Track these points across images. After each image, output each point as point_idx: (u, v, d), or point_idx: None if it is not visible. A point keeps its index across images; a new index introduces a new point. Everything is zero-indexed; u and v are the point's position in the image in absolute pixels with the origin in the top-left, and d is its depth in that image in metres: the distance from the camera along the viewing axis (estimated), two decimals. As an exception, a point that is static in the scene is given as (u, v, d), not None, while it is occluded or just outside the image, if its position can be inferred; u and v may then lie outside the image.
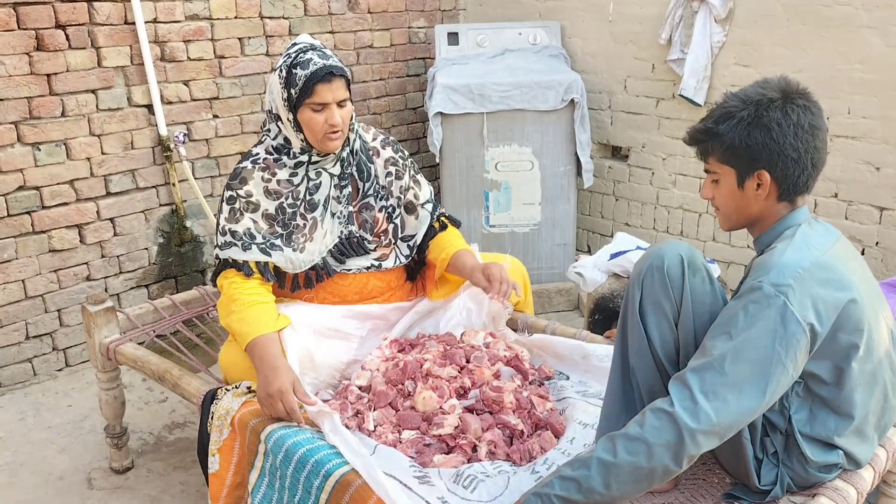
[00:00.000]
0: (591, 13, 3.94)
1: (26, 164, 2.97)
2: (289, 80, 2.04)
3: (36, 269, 3.07)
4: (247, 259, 2.07)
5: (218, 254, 2.11)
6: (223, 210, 2.11)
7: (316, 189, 2.16)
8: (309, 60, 2.03)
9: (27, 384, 3.11)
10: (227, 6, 3.45)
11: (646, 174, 3.92)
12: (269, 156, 2.14)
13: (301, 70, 2.02)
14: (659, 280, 1.60)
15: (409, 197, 2.34)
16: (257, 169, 2.12)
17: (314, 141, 2.10)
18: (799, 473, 1.58)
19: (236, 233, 2.08)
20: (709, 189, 1.64)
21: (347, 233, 2.21)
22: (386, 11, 4.10)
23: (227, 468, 1.90)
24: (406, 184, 2.34)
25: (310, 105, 2.04)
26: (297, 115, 2.07)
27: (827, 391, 1.54)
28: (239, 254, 2.08)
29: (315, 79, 2.01)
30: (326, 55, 2.07)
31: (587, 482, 1.44)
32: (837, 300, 1.47)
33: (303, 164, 2.14)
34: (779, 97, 1.52)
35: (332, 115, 2.04)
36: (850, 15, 3.07)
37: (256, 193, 2.10)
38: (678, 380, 1.47)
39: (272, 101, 2.13)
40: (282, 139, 2.14)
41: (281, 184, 2.12)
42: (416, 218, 2.34)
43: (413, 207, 2.35)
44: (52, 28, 2.95)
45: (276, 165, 2.13)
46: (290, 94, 2.05)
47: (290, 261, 2.12)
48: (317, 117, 2.04)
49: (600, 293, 3.02)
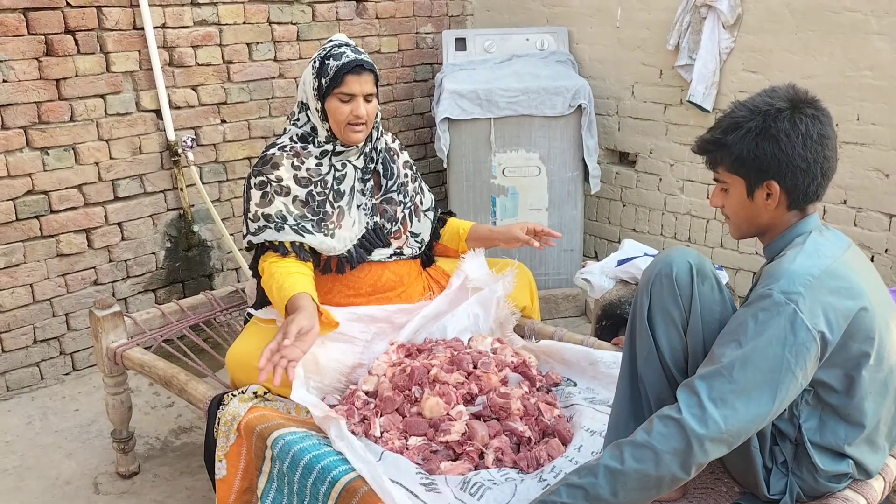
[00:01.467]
0: (599, 19, 3.94)
1: (35, 168, 2.98)
2: (321, 70, 2.15)
3: (44, 274, 3.08)
4: (282, 240, 2.11)
5: (251, 240, 2.14)
6: (252, 196, 2.15)
7: (342, 179, 2.23)
8: (342, 53, 2.15)
9: (34, 388, 3.12)
10: (235, 12, 3.46)
11: (653, 180, 3.92)
12: (295, 144, 2.22)
13: (334, 61, 2.14)
14: (668, 287, 1.59)
15: (416, 202, 2.44)
16: (286, 156, 2.18)
17: (338, 131, 2.18)
18: (808, 483, 1.57)
19: (269, 216, 2.12)
20: (718, 198, 1.64)
21: (373, 224, 2.28)
22: (394, 17, 4.10)
23: (235, 474, 1.89)
24: (416, 188, 2.46)
25: (338, 94, 2.13)
26: (324, 104, 2.16)
27: (837, 399, 1.53)
28: (273, 235, 2.11)
29: (345, 69, 2.11)
30: (359, 51, 2.18)
31: (594, 490, 1.43)
32: (848, 309, 1.46)
33: (327, 154, 2.22)
34: (787, 107, 1.52)
35: (357, 106, 2.14)
36: (859, 21, 3.06)
37: (287, 178, 2.16)
38: (686, 387, 1.46)
39: (304, 91, 2.22)
40: (308, 128, 2.22)
41: (310, 171, 2.19)
42: (418, 221, 2.44)
43: (417, 212, 2.44)
44: (61, 33, 2.97)
45: (304, 154, 2.20)
46: (320, 83, 2.15)
47: (322, 243, 2.16)
48: (343, 107, 2.14)
49: (607, 299, 3.01)
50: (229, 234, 3.47)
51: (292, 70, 3.71)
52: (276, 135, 2.28)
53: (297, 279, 2.06)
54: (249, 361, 2.04)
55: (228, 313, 2.66)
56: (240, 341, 2.17)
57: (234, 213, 3.63)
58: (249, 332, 2.22)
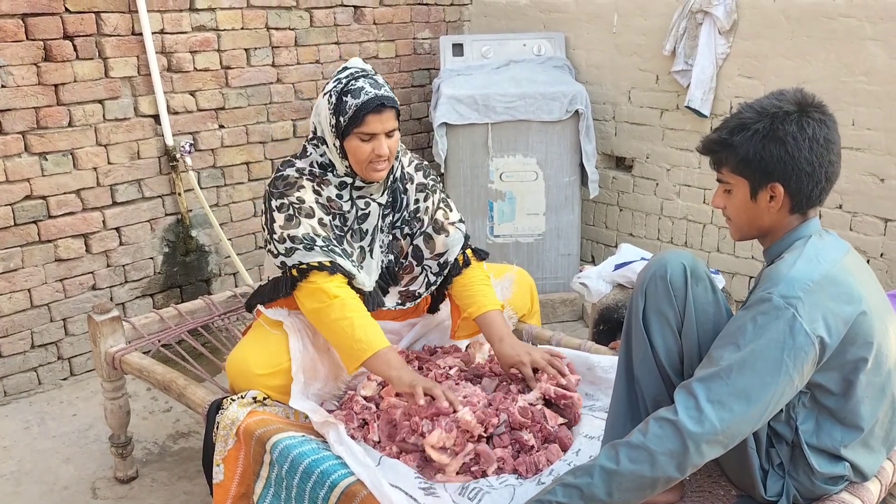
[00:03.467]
0: (595, 25, 3.96)
1: (33, 173, 2.98)
2: (338, 108, 2.00)
3: (42, 279, 3.08)
4: (315, 260, 1.99)
5: (285, 261, 2.02)
6: (276, 219, 2.03)
7: (365, 218, 2.13)
8: (360, 89, 1.99)
9: (32, 393, 3.12)
10: (233, 17, 3.47)
11: (650, 185, 3.93)
12: (314, 169, 2.10)
13: (352, 98, 1.98)
14: (662, 289, 1.60)
15: (438, 216, 2.27)
16: (305, 179, 2.08)
17: (358, 169, 2.06)
18: (805, 485, 1.57)
19: (296, 237, 2.01)
20: (721, 199, 1.64)
21: (386, 262, 2.20)
22: (391, 23, 4.11)
23: (232, 479, 1.89)
24: (434, 203, 2.28)
25: (358, 134, 2.00)
26: (343, 142, 2.04)
27: (834, 402, 1.54)
28: (304, 255, 2.00)
29: (366, 109, 1.97)
30: (378, 83, 2.03)
31: (589, 489, 1.44)
32: (847, 313, 1.47)
33: (347, 186, 2.10)
34: (795, 110, 1.52)
35: (380, 145, 2.01)
36: (854, 27, 3.08)
37: (309, 201, 2.05)
38: (684, 389, 1.47)
39: (318, 124, 2.09)
40: (326, 160, 2.10)
41: (331, 201, 2.09)
42: (446, 236, 2.26)
43: (441, 226, 2.27)
44: (59, 39, 2.97)
45: (324, 181, 2.09)
46: (338, 121, 2.01)
47: (351, 271, 2.05)
48: (364, 147, 2.01)
49: (605, 304, 3.02)
50: (227, 239, 3.48)
51: (290, 75, 3.72)
52: (295, 155, 2.15)
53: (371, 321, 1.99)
54: (250, 370, 2.04)
55: (227, 318, 2.66)
56: (241, 347, 2.15)
57: (231, 218, 3.63)
58: (253, 336, 2.18)
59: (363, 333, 1.96)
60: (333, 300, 1.98)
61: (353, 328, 1.96)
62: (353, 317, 1.97)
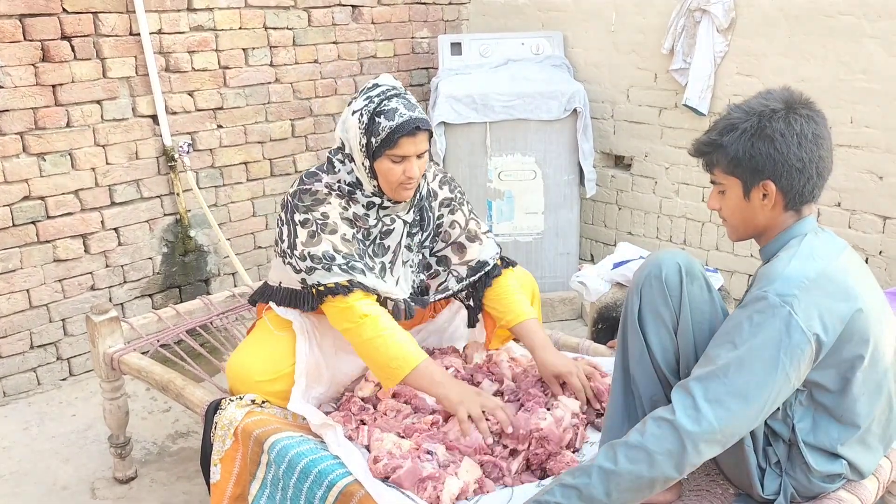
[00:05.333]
0: (594, 23, 3.96)
1: (31, 174, 2.98)
2: (370, 128, 1.95)
3: (41, 279, 3.08)
4: (336, 281, 1.93)
5: (305, 279, 1.98)
6: (298, 234, 1.97)
7: (388, 234, 2.09)
8: (394, 110, 1.94)
9: (31, 394, 3.12)
10: (231, 17, 3.47)
11: (649, 183, 3.93)
12: (343, 186, 2.04)
13: (386, 121, 1.93)
14: (657, 288, 1.60)
15: (471, 227, 2.24)
16: (334, 195, 2.02)
17: (387, 189, 2.02)
18: (802, 483, 1.58)
19: (316, 256, 1.95)
20: (715, 200, 1.64)
21: (419, 281, 2.18)
22: (389, 22, 4.11)
23: (229, 479, 1.89)
24: (466, 214, 2.25)
25: (390, 156, 1.95)
26: (373, 163, 1.98)
27: (830, 400, 1.54)
28: (324, 276, 1.94)
29: (400, 132, 1.92)
30: (411, 104, 1.98)
31: (588, 490, 1.44)
32: (843, 311, 1.47)
33: (374, 206, 2.06)
34: (782, 108, 1.53)
35: (410, 167, 1.96)
36: (852, 25, 3.07)
37: (333, 216, 2.00)
38: (682, 388, 1.47)
39: (346, 140, 2.03)
40: (354, 178, 2.04)
41: (357, 217, 2.04)
42: (480, 244, 2.25)
43: (475, 235, 2.24)
44: (57, 39, 2.97)
45: (352, 199, 2.04)
46: (370, 141, 1.95)
47: (375, 285, 2.00)
48: (395, 168, 1.96)
49: (603, 302, 3.02)
50: (226, 239, 3.48)
51: (288, 75, 3.72)
52: (321, 168, 2.10)
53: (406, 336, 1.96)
54: (250, 376, 2.03)
55: (225, 317, 2.66)
56: (242, 352, 2.11)
57: (230, 218, 3.64)
58: (255, 340, 2.15)
59: (398, 350, 1.91)
60: (364, 319, 1.93)
61: (386, 346, 1.91)
62: (386, 335, 1.92)
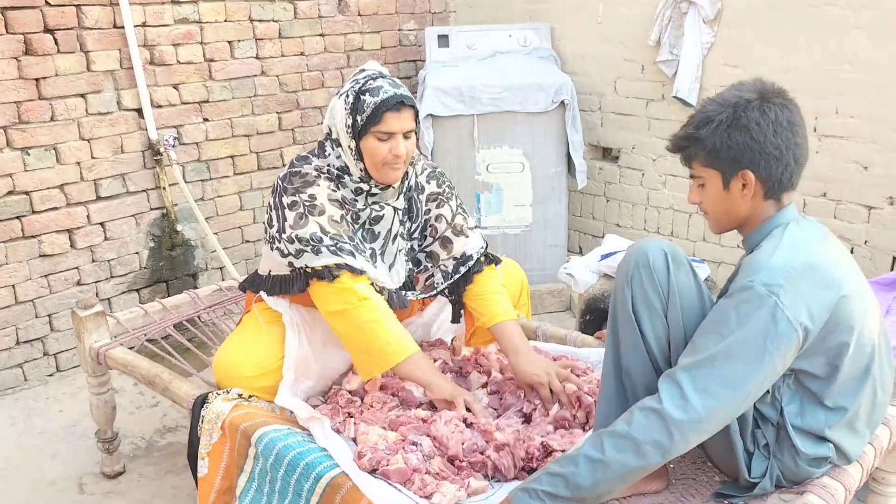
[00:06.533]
0: (581, 15, 3.95)
1: (16, 168, 2.96)
2: (356, 107, 1.97)
3: (26, 274, 3.06)
4: (325, 264, 1.94)
5: (293, 262, 1.98)
6: (287, 217, 1.98)
7: (378, 220, 2.09)
8: (379, 88, 1.96)
9: (18, 390, 3.10)
10: (216, 10, 3.44)
11: (636, 175, 3.93)
12: (332, 170, 2.05)
13: (370, 97, 1.95)
14: (647, 277, 1.61)
15: (458, 221, 2.25)
16: (322, 178, 2.03)
17: (374, 170, 2.02)
18: (789, 467, 1.59)
19: (304, 238, 1.96)
20: (696, 194, 1.66)
21: (407, 270, 2.18)
22: (376, 14, 4.10)
23: (216, 472, 1.89)
24: (453, 209, 2.25)
25: (375, 133, 1.96)
26: (359, 143, 1.99)
27: (818, 385, 1.55)
28: (312, 259, 1.95)
29: (385, 107, 1.94)
30: (397, 84, 2.00)
31: (574, 478, 1.45)
32: (829, 299, 1.48)
33: (363, 192, 2.06)
34: (755, 97, 1.55)
35: (396, 145, 1.97)
36: (837, 16, 3.08)
37: (321, 198, 2.00)
38: (668, 377, 1.48)
39: (333, 126, 2.04)
40: (342, 163, 2.05)
41: (345, 200, 2.05)
42: (466, 238, 2.25)
43: (461, 230, 2.25)
44: (40, 32, 2.95)
45: (340, 182, 2.05)
46: (355, 120, 1.97)
47: (364, 268, 1.99)
48: (381, 146, 1.97)
49: (591, 294, 3.04)
50: (213, 234, 3.46)
51: (274, 68, 3.70)
52: (312, 152, 2.11)
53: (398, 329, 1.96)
54: (238, 372, 2.02)
55: (212, 311, 2.65)
56: (229, 347, 2.10)
57: (217, 212, 3.62)
58: (242, 334, 2.15)
59: (394, 337, 1.93)
60: (364, 301, 1.93)
61: (385, 331, 1.93)
62: (383, 319, 1.94)
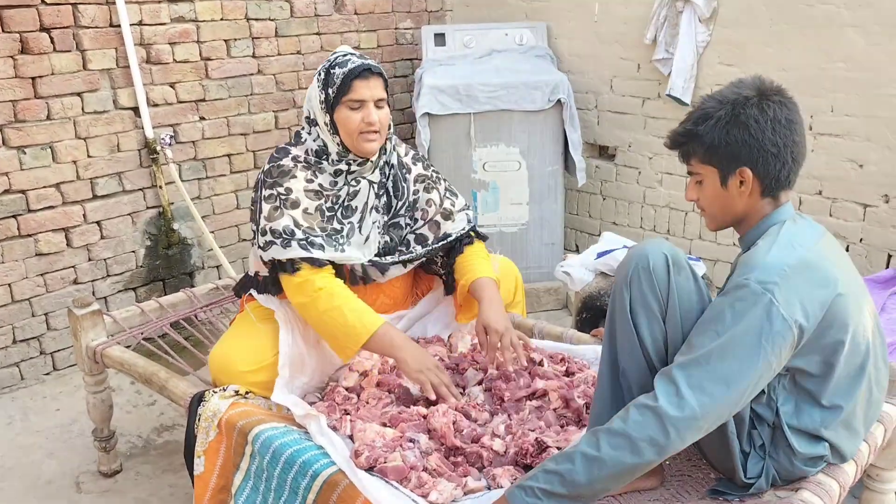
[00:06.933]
0: (577, 14, 3.96)
1: (12, 167, 2.96)
2: (327, 80, 2.05)
3: (22, 273, 3.06)
4: (288, 257, 2.00)
5: (262, 255, 2.05)
6: (263, 209, 2.04)
7: (354, 195, 2.14)
8: (347, 60, 2.05)
9: (14, 388, 3.10)
10: (213, 8, 3.44)
11: (633, 173, 3.94)
12: (309, 157, 2.12)
13: (339, 69, 2.04)
14: (646, 280, 1.60)
15: (447, 206, 2.31)
16: (300, 168, 2.09)
17: (350, 142, 2.07)
18: (785, 466, 1.59)
19: (276, 231, 2.01)
20: (693, 191, 1.66)
21: (382, 242, 2.21)
22: (373, 13, 4.10)
23: (212, 470, 1.89)
24: (441, 193, 2.32)
25: (347, 103, 2.03)
26: (333, 116, 2.06)
27: (813, 384, 1.56)
28: (279, 252, 2.00)
29: (353, 75, 2.02)
30: (365, 58, 2.09)
31: (570, 475, 1.45)
32: (823, 297, 1.48)
33: (342, 173, 2.11)
34: (754, 95, 1.55)
35: (368, 113, 2.03)
36: (832, 14, 3.09)
37: (296, 191, 2.06)
38: (664, 375, 1.49)
39: (310, 108, 2.11)
40: (320, 143, 2.10)
41: (323, 187, 2.10)
42: (452, 222, 2.32)
43: (450, 214, 2.31)
44: (36, 31, 2.94)
45: (318, 168, 2.10)
46: (327, 94, 2.05)
47: (332, 257, 2.06)
48: (353, 115, 2.03)
49: (588, 292, 3.04)
50: (209, 232, 3.46)
51: (271, 66, 3.70)
52: (289, 142, 2.17)
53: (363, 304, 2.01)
54: (234, 367, 2.03)
55: (209, 310, 2.65)
56: (224, 343, 2.13)
57: (214, 211, 3.62)
58: (237, 331, 2.17)
59: (356, 318, 1.97)
60: (319, 292, 1.99)
61: (343, 316, 1.97)
62: (341, 304, 1.98)
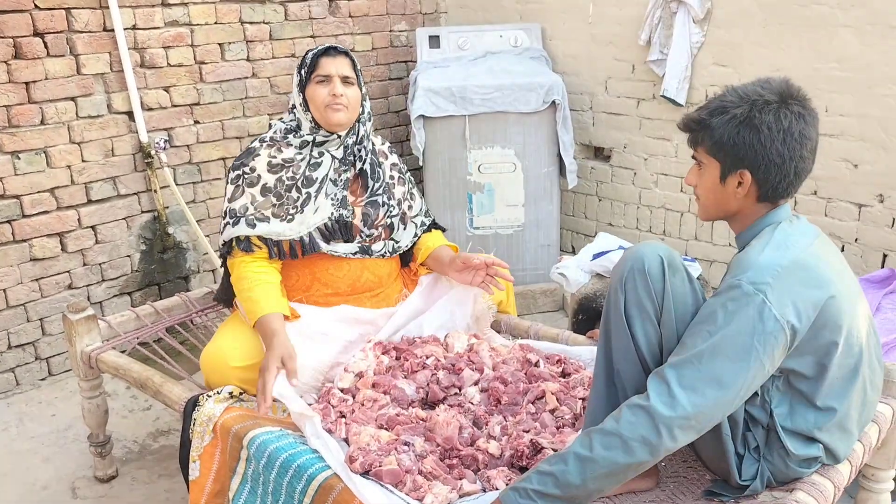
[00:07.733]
0: (571, 15, 3.96)
1: (6, 172, 2.95)
2: (301, 65, 2.27)
3: (17, 279, 3.05)
4: (234, 235, 2.18)
5: (223, 238, 2.23)
6: (227, 191, 2.24)
7: (316, 167, 2.28)
8: (319, 45, 2.29)
9: (10, 394, 3.09)
10: (206, 12, 3.44)
11: (628, 174, 3.94)
12: (276, 135, 2.30)
13: (311, 53, 2.27)
14: (641, 282, 1.60)
15: (404, 208, 2.45)
16: (265, 147, 2.28)
17: (319, 116, 2.24)
18: (779, 468, 1.59)
19: (233, 210, 2.20)
20: (693, 176, 1.66)
21: (337, 215, 2.28)
22: (367, 15, 4.10)
23: (208, 475, 1.89)
24: (405, 192, 2.47)
25: (315, 79, 2.23)
26: (305, 95, 2.25)
27: (807, 386, 1.56)
28: (229, 231, 2.19)
29: (319, 53, 2.24)
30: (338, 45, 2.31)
31: (564, 476, 1.45)
32: (816, 298, 1.48)
33: (308, 144, 2.28)
34: (775, 100, 1.53)
35: (334, 86, 2.21)
36: (826, 14, 3.10)
37: (260, 168, 2.24)
38: (657, 375, 1.49)
39: (293, 97, 2.31)
40: (294, 124, 2.31)
41: (285, 159, 2.26)
42: (404, 228, 2.44)
43: (405, 219, 2.45)
44: (30, 36, 2.94)
45: (283, 143, 2.28)
46: (301, 76, 2.27)
47: (275, 233, 2.20)
48: (320, 89, 2.22)
49: (584, 293, 3.04)
50: (205, 236, 3.46)
51: (265, 70, 3.69)
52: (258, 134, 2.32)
53: (266, 290, 2.14)
54: (225, 363, 2.06)
55: (204, 314, 2.65)
56: (214, 341, 2.16)
57: (209, 215, 3.61)
58: (229, 328, 2.21)
59: (253, 304, 2.11)
60: (242, 278, 2.17)
61: (251, 297, 2.12)
62: (253, 285, 2.14)
